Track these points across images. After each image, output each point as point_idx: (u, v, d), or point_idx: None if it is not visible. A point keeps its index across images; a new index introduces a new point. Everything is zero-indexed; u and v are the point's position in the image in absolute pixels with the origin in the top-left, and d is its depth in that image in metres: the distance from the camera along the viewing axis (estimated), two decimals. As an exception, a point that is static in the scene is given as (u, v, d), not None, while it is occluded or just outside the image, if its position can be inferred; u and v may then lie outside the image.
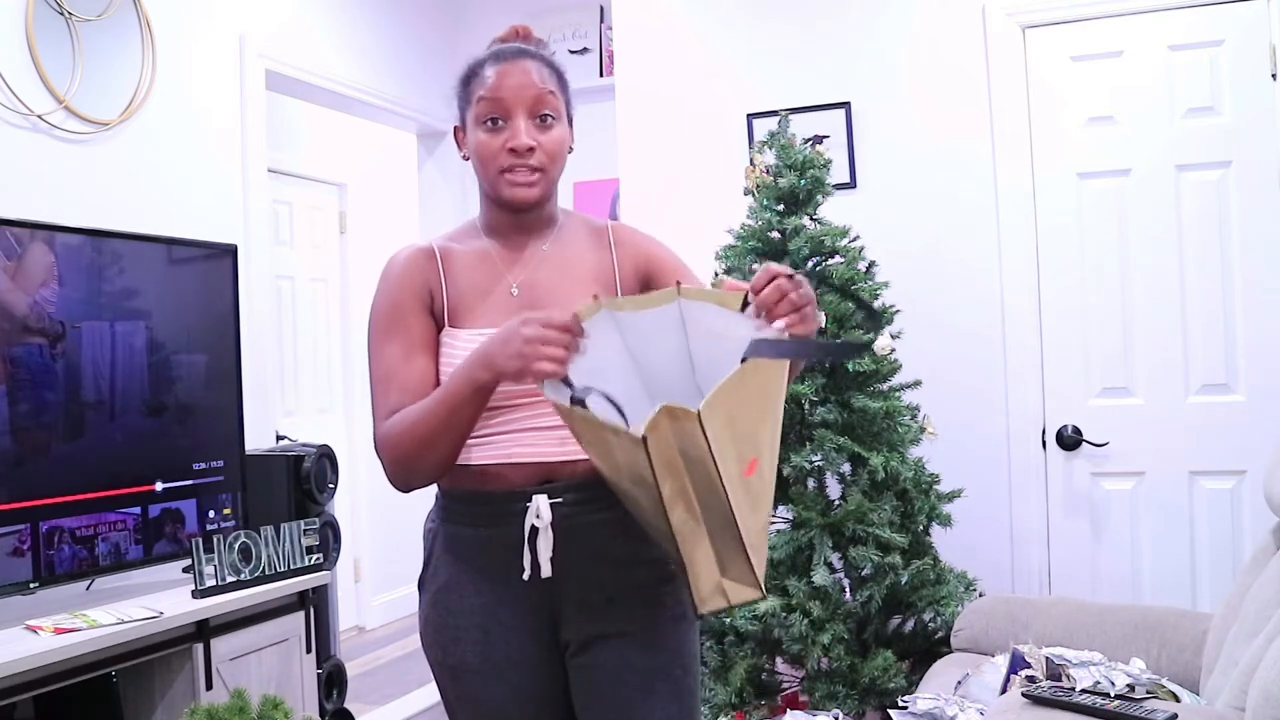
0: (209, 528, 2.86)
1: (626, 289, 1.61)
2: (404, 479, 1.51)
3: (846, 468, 2.68)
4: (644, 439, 1.30)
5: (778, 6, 3.36)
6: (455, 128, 1.66)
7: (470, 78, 1.61)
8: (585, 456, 1.47)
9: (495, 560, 1.53)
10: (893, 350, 2.72)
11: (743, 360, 1.33)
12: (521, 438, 1.52)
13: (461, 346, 1.52)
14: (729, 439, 1.36)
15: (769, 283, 1.32)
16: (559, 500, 1.50)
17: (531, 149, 1.54)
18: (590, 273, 1.62)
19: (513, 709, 1.56)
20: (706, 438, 1.31)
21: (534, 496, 1.49)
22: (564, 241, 1.65)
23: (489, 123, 1.55)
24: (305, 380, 5.16)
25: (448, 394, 1.45)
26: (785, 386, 1.41)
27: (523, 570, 1.49)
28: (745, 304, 1.36)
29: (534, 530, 1.49)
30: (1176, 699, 1.92)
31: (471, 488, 1.54)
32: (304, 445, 3.33)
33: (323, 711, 3.18)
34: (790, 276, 1.32)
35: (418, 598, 1.63)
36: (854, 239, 2.82)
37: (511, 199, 1.56)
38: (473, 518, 1.55)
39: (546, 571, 1.48)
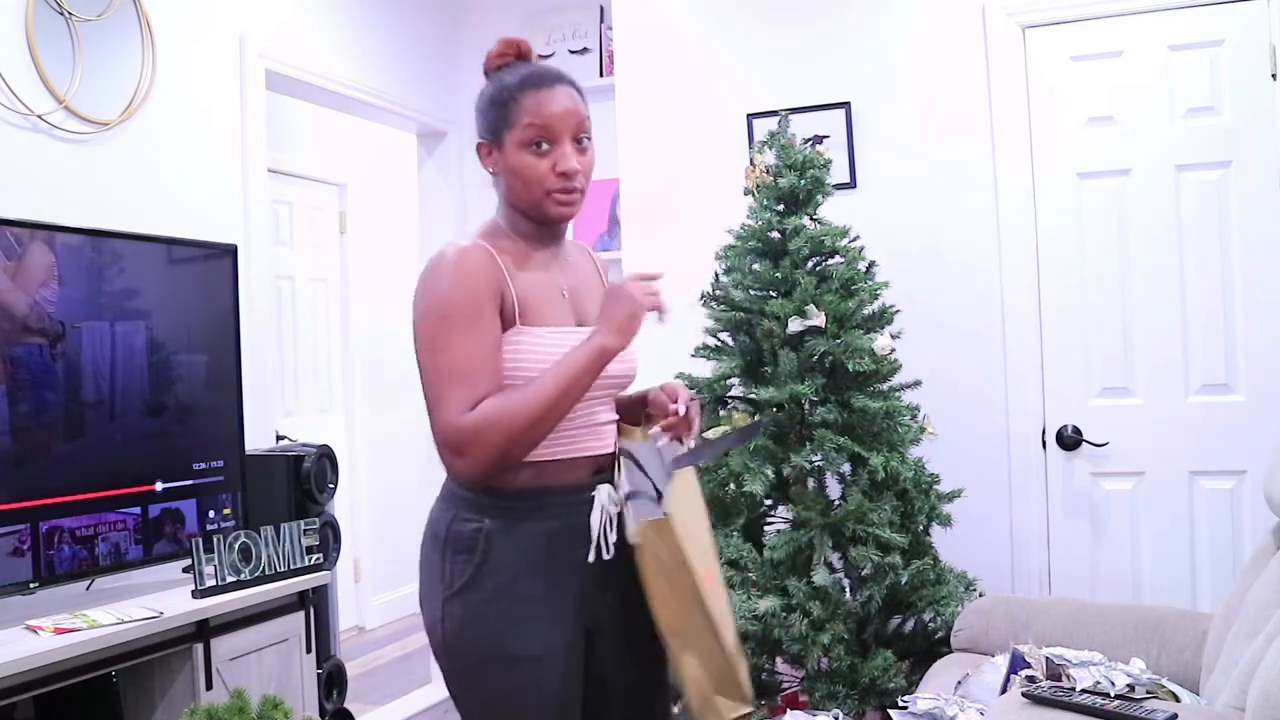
0: (209, 528, 2.86)
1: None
2: (499, 462, 1.59)
3: (846, 468, 2.68)
4: (634, 547, 1.59)
5: (778, 6, 3.36)
6: (480, 144, 1.74)
7: (508, 100, 1.70)
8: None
9: (560, 549, 1.65)
10: (893, 350, 2.72)
11: (675, 469, 1.65)
12: (581, 434, 1.70)
13: (547, 341, 1.65)
14: (691, 549, 1.62)
15: (669, 413, 1.71)
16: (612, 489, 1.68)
17: (577, 171, 1.69)
18: (596, 285, 1.83)
19: (574, 689, 1.68)
20: (679, 540, 1.58)
21: (599, 487, 1.67)
22: (571, 252, 1.83)
23: (535, 146, 1.67)
24: (305, 380, 5.16)
25: (570, 369, 1.60)
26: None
27: (587, 555, 1.65)
28: (647, 433, 1.68)
29: (604, 515, 1.66)
30: (1176, 699, 1.92)
31: (537, 484, 1.66)
32: (304, 445, 3.33)
33: (323, 711, 3.18)
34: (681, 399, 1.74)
35: (448, 600, 1.66)
36: (854, 239, 2.82)
37: (557, 217, 1.71)
38: (541, 512, 1.66)
39: (610, 554, 1.66)
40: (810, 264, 2.78)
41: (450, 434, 1.57)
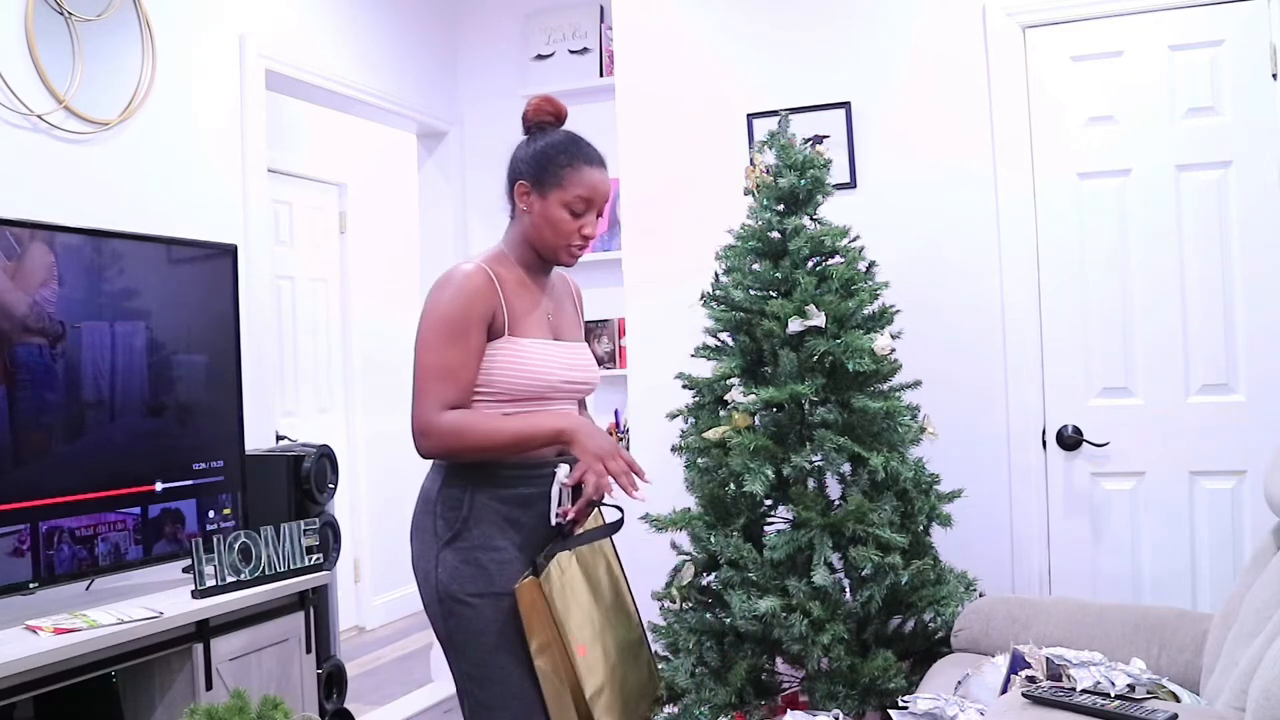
0: (209, 528, 2.86)
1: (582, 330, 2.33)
2: (449, 457, 2.04)
3: (846, 468, 2.68)
4: (513, 591, 1.97)
5: (778, 6, 3.36)
6: (522, 184, 2.11)
7: (565, 166, 2.09)
8: None
9: (530, 510, 2.05)
10: (893, 350, 2.72)
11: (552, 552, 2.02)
12: None
13: (530, 350, 2.07)
14: (565, 617, 1.99)
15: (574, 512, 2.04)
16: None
17: (595, 237, 2.14)
18: (574, 314, 2.29)
19: None
20: (549, 601, 1.96)
21: (559, 465, 2.04)
22: (556, 283, 2.25)
23: (574, 210, 2.09)
24: (305, 380, 5.16)
25: (530, 430, 2.03)
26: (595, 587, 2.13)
27: (548, 516, 2.03)
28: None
29: (560, 489, 2.03)
30: (1176, 699, 1.92)
31: (522, 459, 2.05)
32: (304, 445, 3.33)
33: (323, 711, 3.18)
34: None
35: (442, 549, 2.03)
36: (854, 239, 2.82)
37: (563, 263, 2.16)
38: (512, 480, 2.05)
39: (571, 516, 2.03)
40: (810, 264, 2.78)
41: (423, 423, 1.98)
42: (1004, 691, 2.07)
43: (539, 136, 2.14)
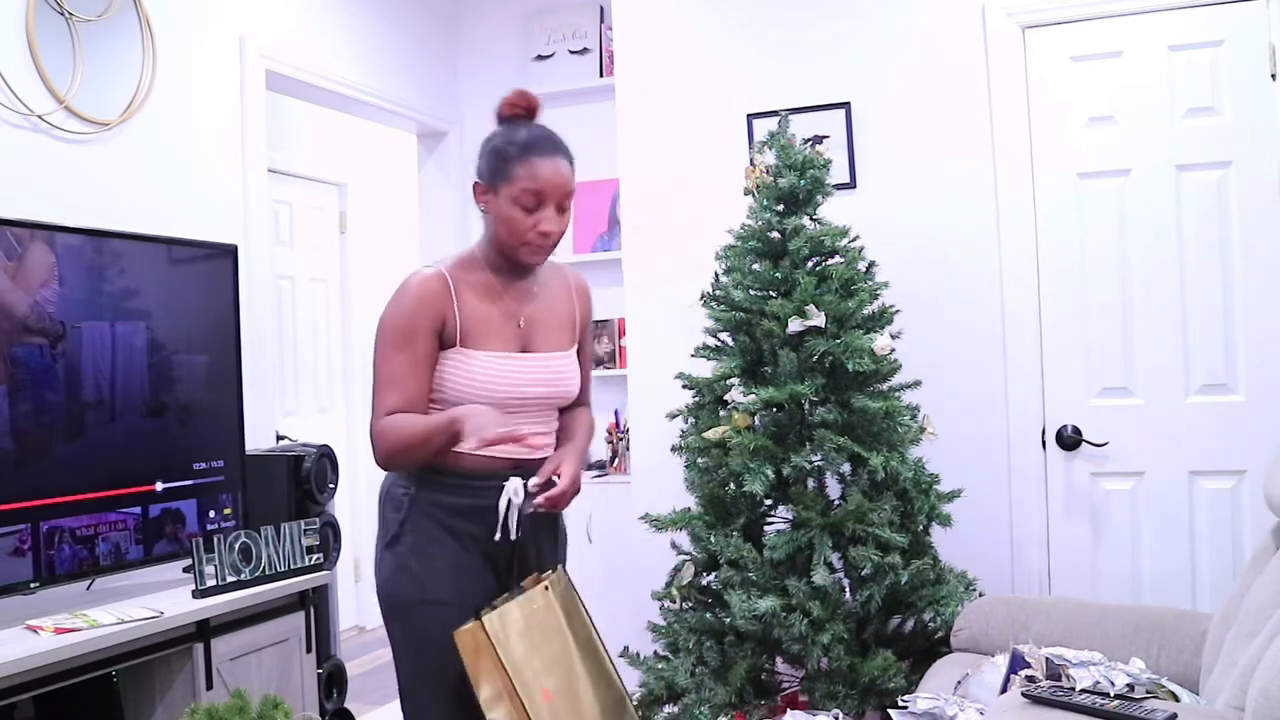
0: (209, 528, 2.86)
1: (579, 332, 2.20)
2: (388, 463, 2.01)
3: (846, 468, 2.68)
4: (444, 600, 1.97)
5: (778, 6, 3.36)
6: (478, 184, 2.05)
7: (509, 158, 2.00)
8: (545, 455, 2.08)
9: (467, 521, 2.02)
10: (893, 350, 2.72)
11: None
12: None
13: (479, 363, 2.02)
14: (525, 661, 1.92)
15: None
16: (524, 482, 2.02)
17: (553, 233, 2.02)
18: (564, 317, 2.16)
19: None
20: (494, 644, 1.88)
21: (511, 479, 2.02)
22: (544, 283, 2.15)
23: (525, 205, 1.99)
24: (305, 380, 5.16)
25: (433, 425, 1.95)
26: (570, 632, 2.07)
27: (494, 530, 2.01)
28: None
29: (509, 503, 2.01)
30: (1176, 699, 1.92)
31: (456, 468, 2.01)
32: (304, 445, 3.33)
33: (323, 711, 3.18)
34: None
35: (383, 550, 2.04)
36: (854, 239, 2.82)
37: (526, 263, 2.06)
38: (455, 490, 2.02)
39: (515, 535, 2.02)
40: (810, 264, 2.78)
41: (371, 429, 1.99)
42: (1004, 691, 2.07)
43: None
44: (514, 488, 2.00)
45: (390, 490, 2.06)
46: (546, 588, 2.07)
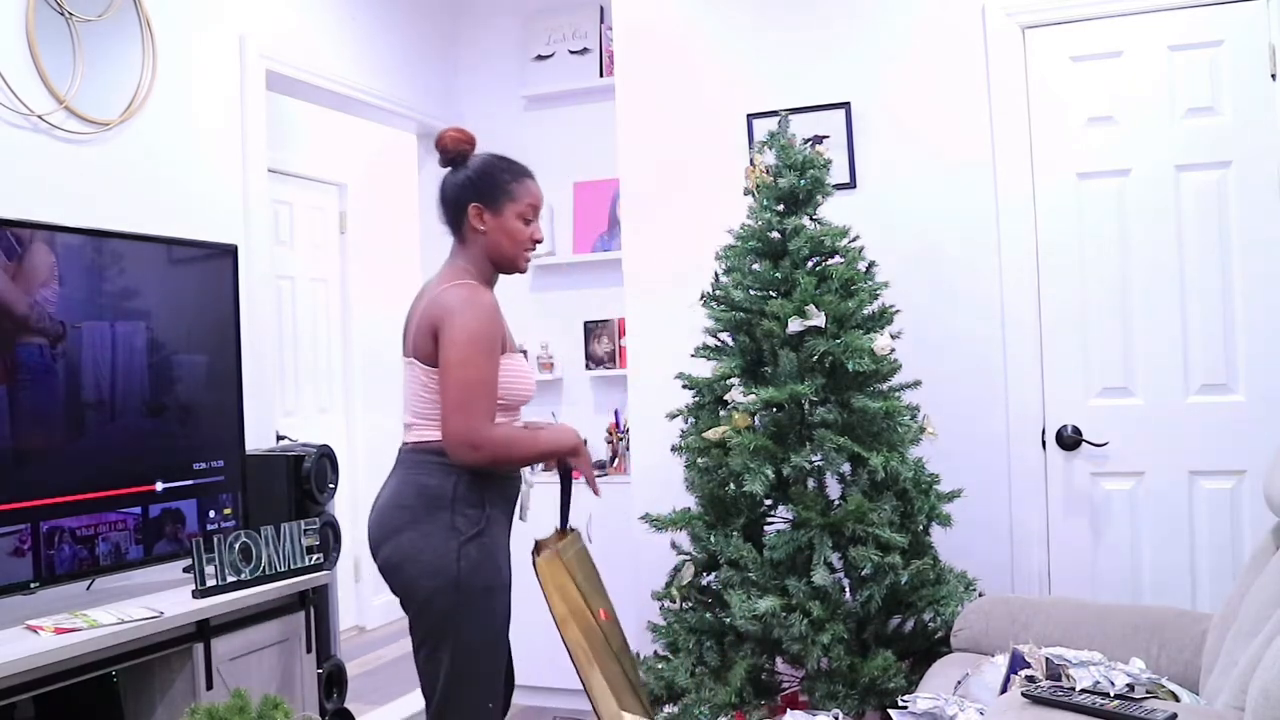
0: (209, 528, 2.86)
1: None
2: (487, 468, 2.22)
3: (846, 468, 2.68)
4: (533, 558, 2.30)
5: (778, 6, 3.36)
6: (475, 206, 2.29)
7: (513, 182, 2.32)
8: None
9: (509, 510, 2.33)
10: (893, 350, 2.72)
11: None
12: None
13: (520, 366, 2.33)
14: (586, 586, 2.31)
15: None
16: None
17: (542, 239, 2.39)
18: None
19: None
20: (567, 570, 2.28)
21: (523, 470, 2.38)
22: None
23: (525, 219, 2.32)
24: (305, 380, 5.16)
25: (553, 444, 2.33)
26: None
27: (518, 515, 2.37)
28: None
29: (527, 490, 2.40)
30: (1176, 699, 1.92)
31: (514, 467, 2.33)
32: (304, 445, 3.33)
33: (323, 711, 3.18)
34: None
35: (465, 543, 2.19)
36: (854, 239, 2.82)
37: (523, 269, 2.38)
38: (510, 483, 2.32)
39: (530, 517, 2.40)
40: (810, 264, 2.79)
41: (477, 436, 2.15)
42: (1004, 691, 2.07)
43: (464, 164, 2.33)
44: (528, 478, 2.36)
45: (457, 489, 2.21)
46: (577, 534, 2.46)
